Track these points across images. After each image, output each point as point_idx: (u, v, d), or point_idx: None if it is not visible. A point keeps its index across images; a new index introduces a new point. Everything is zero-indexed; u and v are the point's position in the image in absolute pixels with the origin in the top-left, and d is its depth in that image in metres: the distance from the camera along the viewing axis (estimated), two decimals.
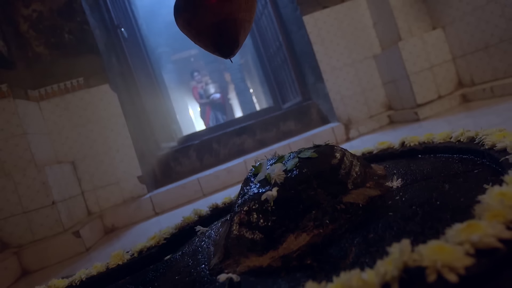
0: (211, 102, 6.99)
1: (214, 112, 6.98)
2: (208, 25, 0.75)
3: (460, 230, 0.38)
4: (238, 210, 0.64)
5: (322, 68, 2.27)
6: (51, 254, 1.56)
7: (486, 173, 0.65)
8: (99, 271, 0.85)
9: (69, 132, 1.98)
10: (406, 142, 1.01)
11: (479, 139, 0.76)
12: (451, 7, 1.90)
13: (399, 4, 2.05)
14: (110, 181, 2.02)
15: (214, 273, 0.59)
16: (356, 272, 0.38)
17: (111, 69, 2.19)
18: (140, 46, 3.05)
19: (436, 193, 0.62)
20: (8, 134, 1.68)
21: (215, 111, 6.98)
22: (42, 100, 1.96)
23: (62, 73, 2.01)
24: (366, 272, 0.37)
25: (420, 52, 1.99)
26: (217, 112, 6.99)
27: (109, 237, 1.77)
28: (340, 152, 0.73)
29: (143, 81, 2.76)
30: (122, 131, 2.05)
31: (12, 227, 1.61)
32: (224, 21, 0.74)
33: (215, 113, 6.96)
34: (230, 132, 2.62)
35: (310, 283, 0.39)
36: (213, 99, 6.95)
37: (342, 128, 2.21)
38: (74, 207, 1.83)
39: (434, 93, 1.98)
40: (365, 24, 2.29)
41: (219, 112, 7.05)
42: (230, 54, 0.79)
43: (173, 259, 0.80)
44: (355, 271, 0.38)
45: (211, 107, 6.98)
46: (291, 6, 2.44)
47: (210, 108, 6.94)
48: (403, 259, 0.36)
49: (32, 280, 1.39)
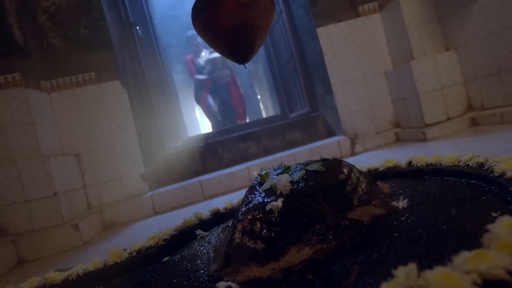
0: (213, 80, 4.69)
1: (214, 97, 4.61)
2: (225, 30, 0.76)
3: (468, 259, 0.37)
4: (241, 218, 0.64)
5: (332, 81, 2.28)
6: (49, 245, 1.56)
7: (494, 200, 0.64)
8: (96, 267, 0.85)
9: (77, 125, 1.99)
10: (414, 162, 1.01)
11: (489, 165, 0.75)
12: (465, 29, 1.90)
13: (414, 23, 2.06)
14: (113, 176, 2.02)
15: (213, 280, 0.59)
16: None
17: (123, 66, 2.21)
18: (153, 45, 3.08)
19: (442, 217, 0.61)
20: (17, 123, 1.70)
21: (216, 95, 4.61)
22: (53, 91, 1.98)
23: (74, 66, 2.03)
24: None
25: (431, 72, 1.98)
26: (219, 97, 4.65)
27: (107, 232, 1.76)
28: (348, 168, 0.73)
29: (154, 80, 2.78)
30: (129, 128, 2.07)
31: (12, 215, 1.62)
32: (241, 27, 0.75)
33: (216, 98, 4.60)
34: (236, 137, 2.63)
35: None
36: (217, 77, 4.67)
37: (348, 142, 2.20)
38: (75, 200, 1.84)
39: (443, 114, 1.98)
40: (379, 40, 2.30)
41: (221, 97, 4.70)
42: (244, 60, 0.80)
43: (172, 262, 0.80)
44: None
45: (211, 88, 4.60)
46: (306, 17, 2.45)
47: (209, 89, 4.53)
48: (408, 283, 0.36)
49: (28, 270, 1.39)
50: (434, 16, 2.08)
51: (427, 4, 2.08)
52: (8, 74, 1.72)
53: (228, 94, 4.77)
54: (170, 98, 3.30)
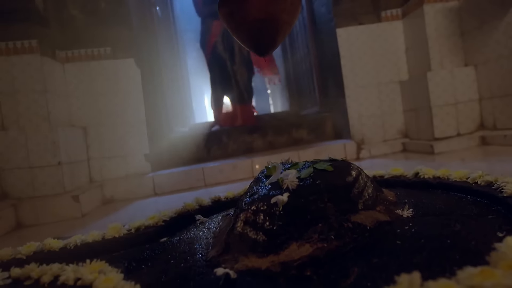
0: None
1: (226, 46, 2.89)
2: (250, 21, 0.75)
3: (473, 274, 0.37)
4: (245, 207, 0.64)
5: (346, 83, 2.26)
6: (48, 213, 1.58)
7: (500, 221, 0.63)
8: (94, 240, 0.86)
9: (88, 98, 2.00)
10: (421, 173, 1.00)
11: (498, 185, 0.74)
12: (488, 46, 1.87)
13: (436, 34, 2.03)
14: (117, 153, 2.03)
15: (211, 265, 0.59)
16: None
17: (139, 44, 2.21)
18: (170, 28, 3.07)
19: (446, 231, 0.61)
20: (29, 89, 1.71)
21: (228, 43, 2.88)
22: (68, 62, 1.98)
23: (91, 40, 2.03)
24: None
25: (447, 86, 1.96)
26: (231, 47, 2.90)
27: (106, 207, 1.78)
28: (356, 171, 0.73)
29: (167, 63, 2.77)
30: (139, 107, 2.07)
31: (15, 179, 1.63)
32: (266, 20, 0.74)
33: (227, 49, 2.88)
34: (242, 128, 2.62)
35: None
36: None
37: (354, 147, 2.19)
38: (78, 171, 1.85)
39: (453, 129, 1.96)
40: (397, 48, 2.27)
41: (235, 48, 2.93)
42: (265, 53, 0.79)
43: (170, 243, 0.80)
44: None
45: (222, 32, 2.89)
46: (327, 16, 2.43)
47: (219, 31, 2.87)
48: None
49: (25, 234, 1.41)
50: (457, 30, 2.05)
51: (451, 17, 2.04)
52: (25, 40, 1.72)
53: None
54: (182, 83, 3.30)
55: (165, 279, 0.59)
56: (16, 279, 0.63)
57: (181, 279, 0.58)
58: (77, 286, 0.56)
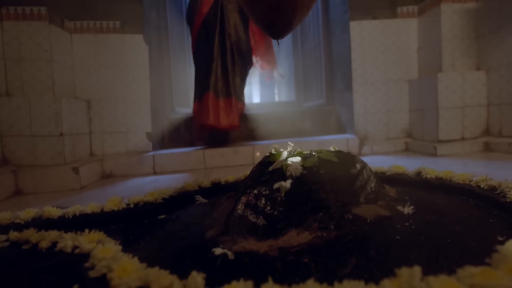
0: None
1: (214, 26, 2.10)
2: (267, 0, 0.73)
3: (474, 274, 0.37)
4: (247, 191, 0.64)
5: (354, 78, 2.24)
6: (47, 182, 1.58)
7: (501, 225, 0.63)
8: (93, 211, 0.86)
9: (93, 71, 1.98)
10: (423, 173, 1.00)
11: (501, 190, 0.74)
12: (502, 52, 1.84)
13: (450, 35, 1.99)
14: (119, 129, 2.03)
15: (209, 245, 0.59)
16: (360, 284, 0.37)
17: (149, 21, 2.17)
18: (182, 8, 3.02)
19: (446, 231, 0.60)
20: (35, 57, 1.69)
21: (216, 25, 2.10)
22: (76, 33, 1.95)
23: (101, 12, 2.00)
24: (370, 287, 0.37)
25: (457, 89, 1.94)
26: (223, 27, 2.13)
27: (105, 182, 1.78)
28: (361, 164, 0.72)
29: (176, 43, 2.74)
30: (144, 84, 2.05)
31: (16, 146, 1.63)
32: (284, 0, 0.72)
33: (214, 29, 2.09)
34: (245, 114, 2.60)
35: (312, 282, 0.39)
36: None
37: (357, 142, 2.18)
38: (79, 144, 1.85)
39: (458, 133, 1.94)
40: (410, 46, 2.24)
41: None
42: (279, 36, 0.78)
43: (168, 220, 0.80)
44: (359, 283, 0.37)
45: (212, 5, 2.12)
46: (341, 8, 2.38)
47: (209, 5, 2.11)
48: (412, 284, 0.35)
49: (24, 201, 1.42)
50: (472, 32, 2.01)
51: (468, 18, 2.00)
52: (34, 7, 1.69)
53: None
54: (189, 65, 3.26)
55: (163, 255, 0.59)
56: (14, 242, 0.64)
57: (179, 256, 0.58)
58: (75, 254, 0.56)
